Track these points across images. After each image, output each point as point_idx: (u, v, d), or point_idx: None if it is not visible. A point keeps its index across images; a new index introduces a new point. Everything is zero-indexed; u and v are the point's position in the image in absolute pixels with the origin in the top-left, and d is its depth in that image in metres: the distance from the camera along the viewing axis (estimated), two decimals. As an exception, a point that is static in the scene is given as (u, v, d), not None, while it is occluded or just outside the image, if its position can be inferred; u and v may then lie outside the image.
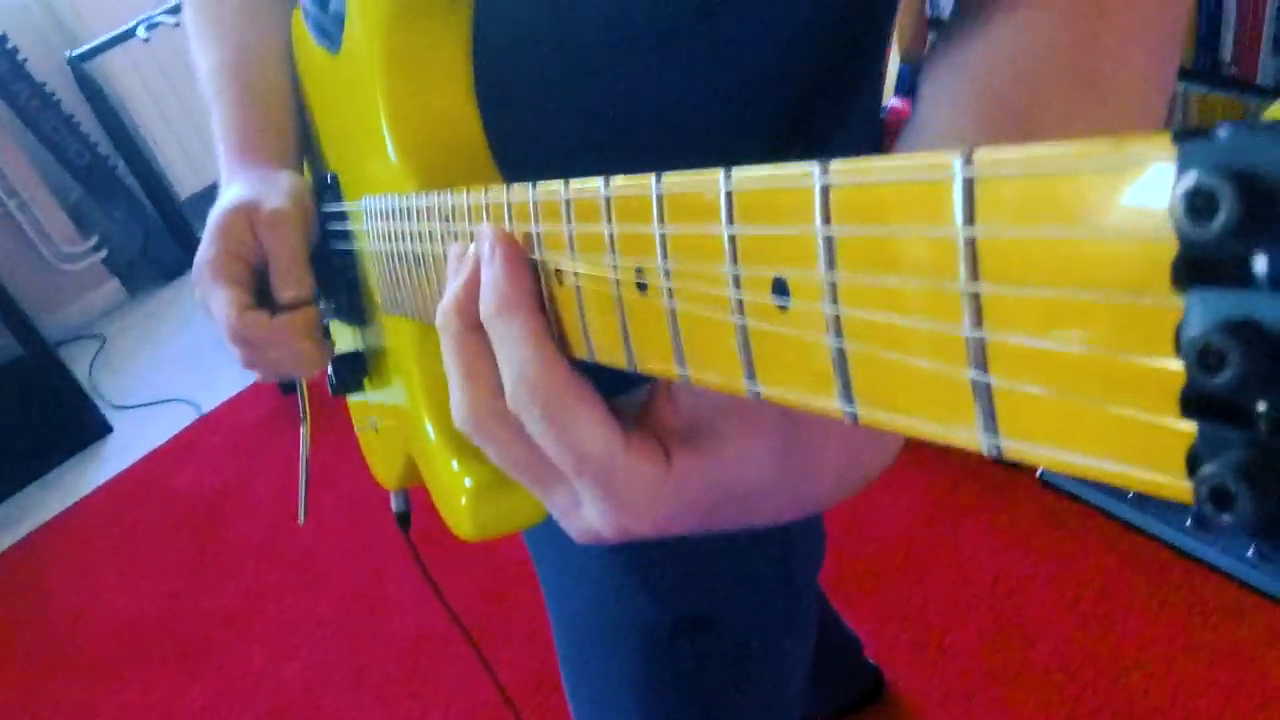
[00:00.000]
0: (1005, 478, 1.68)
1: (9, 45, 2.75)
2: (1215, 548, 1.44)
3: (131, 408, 2.72)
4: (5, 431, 2.52)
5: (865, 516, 1.69)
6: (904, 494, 1.72)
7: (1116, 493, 1.55)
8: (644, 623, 0.71)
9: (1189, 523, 1.47)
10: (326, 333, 0.63)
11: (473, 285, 0.34)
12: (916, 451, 1.64)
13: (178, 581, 2.08)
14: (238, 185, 0.61)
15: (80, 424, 2.63)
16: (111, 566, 2.18)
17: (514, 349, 0.31)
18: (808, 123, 0.58)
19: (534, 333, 0.31)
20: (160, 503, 2.33)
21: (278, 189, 0.61)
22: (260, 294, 0.60)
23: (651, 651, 0.72)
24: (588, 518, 0.33)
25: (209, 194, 3.30)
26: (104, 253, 3.15)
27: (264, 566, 2.04)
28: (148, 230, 3.14)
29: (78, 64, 2.14)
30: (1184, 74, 1.57)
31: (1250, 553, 1.41)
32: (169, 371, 2.83)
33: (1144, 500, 1.53)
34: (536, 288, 0.32)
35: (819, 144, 0.58)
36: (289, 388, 2.52)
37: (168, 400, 2.68)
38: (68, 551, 2.28)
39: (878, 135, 0.67)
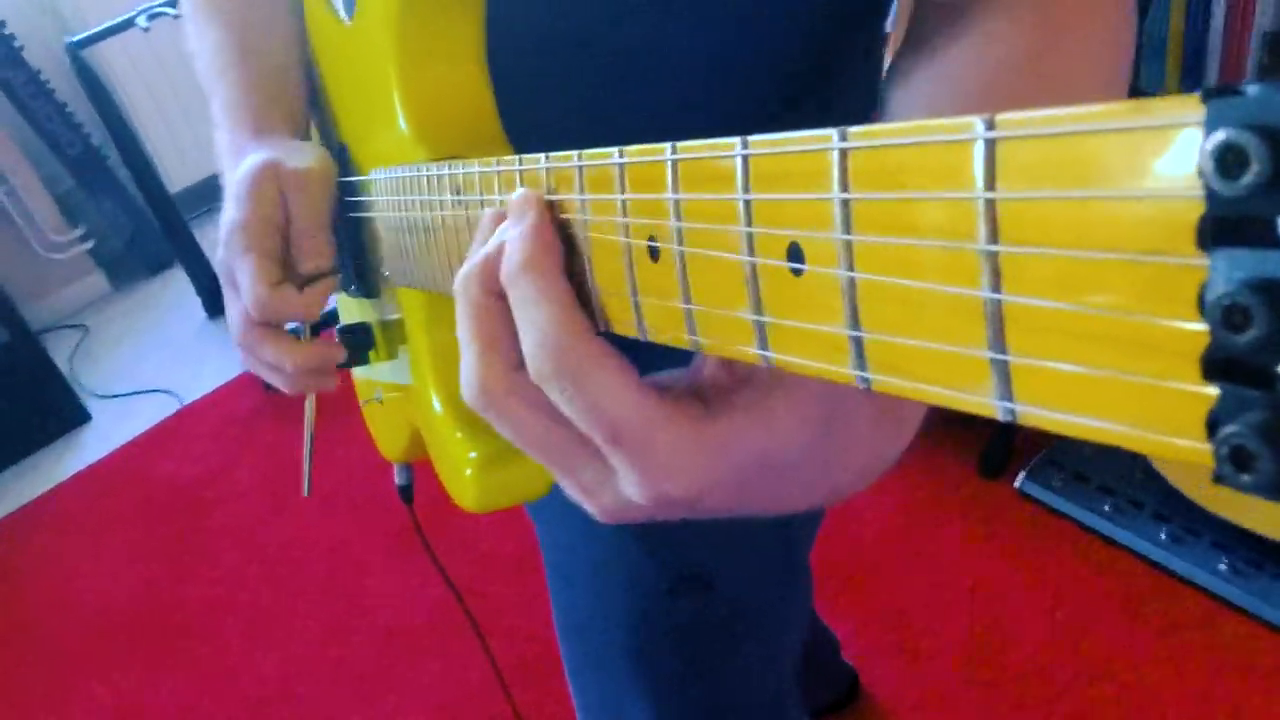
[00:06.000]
0: (984, 488, 1.69)
1: (6, 31, 2.72)
2: (1187, 560, 1.46)
3: (112, 397, 2.70)
4: (-17, 414, 2.50)
5: (845, 520, 1.70)
6: (884, 500, 1.73)
7: (1092, 505, 1.57)
8: (642, 580, 0.71)
9: (1162, 536, 1.49)
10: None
11: (501, 251, 0.32)
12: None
13: (154, 570, 2.06)
14: (257, 152, 0.58)
15: (59, 411, 2.61)
16: (87, 553, 2.16)
17: (536, 309, 0.30)
18: (807, 91, 0.59)
19: (558, 293, 0.30)
20: (138, 491, 2.31)
21: (299, 151, 0.59)
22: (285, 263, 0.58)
23: (648, 609, 0.72)
24: (619, 490, 0.31)
25: (200, 189, 3.23)
26: (90, 244, 3.13)
27: (243, 558, 2.03)
28: (136, 223, 3.12)
29: (76, 50, 2.13)
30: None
31: (1222, 566, 1.43)
32: (151, 363, 2.81)
33: (1118, 513, 1.55)
34: (561, 252, 0.31)
35: (818, 111, 0.59)
36: (273, 385, 2.51)
37: (149, 391, 2.66)
38: (42, 538, 2.26)
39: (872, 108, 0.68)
